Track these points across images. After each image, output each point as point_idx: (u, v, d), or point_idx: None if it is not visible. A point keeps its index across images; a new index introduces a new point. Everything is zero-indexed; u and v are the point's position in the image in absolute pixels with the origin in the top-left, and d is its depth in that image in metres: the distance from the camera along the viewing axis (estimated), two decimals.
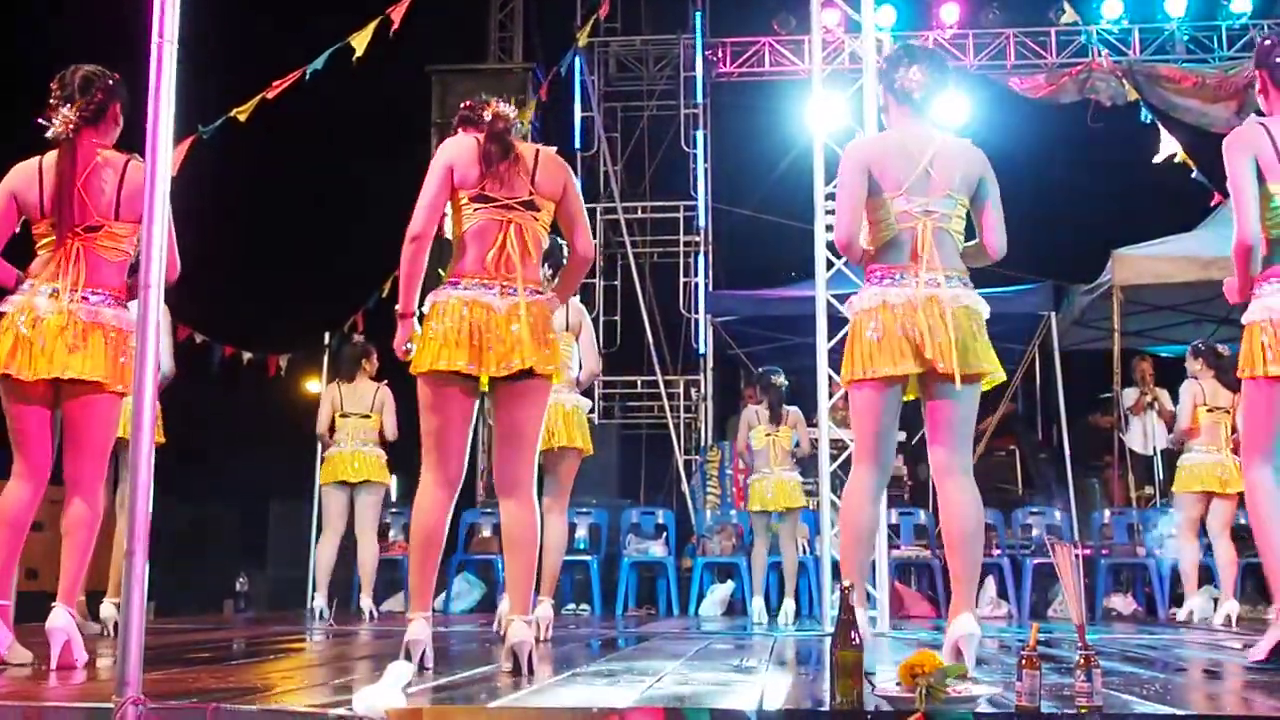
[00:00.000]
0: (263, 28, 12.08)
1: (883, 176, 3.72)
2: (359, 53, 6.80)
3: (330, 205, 14.29)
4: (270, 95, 6.59)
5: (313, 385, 8.44)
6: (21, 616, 3.95)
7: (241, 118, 6.54)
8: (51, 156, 3.81)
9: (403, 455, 12.16)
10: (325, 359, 9.11)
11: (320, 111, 11.12)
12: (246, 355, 8.70)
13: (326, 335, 9.27)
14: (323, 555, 7.44)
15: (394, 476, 13.99)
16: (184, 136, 6.45)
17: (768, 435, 7.59)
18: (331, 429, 7.54)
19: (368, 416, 7.55)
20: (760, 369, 7.85)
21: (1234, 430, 7.22)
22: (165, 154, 2.60)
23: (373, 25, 6.82)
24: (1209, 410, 7.38)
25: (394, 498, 12.82)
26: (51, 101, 3.82)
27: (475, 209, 3.73)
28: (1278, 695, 3.14)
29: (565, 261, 4.21)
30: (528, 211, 3.77)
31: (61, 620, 3.65)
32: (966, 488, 3.68)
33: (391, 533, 9.41)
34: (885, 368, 3.67)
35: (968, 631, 3.50)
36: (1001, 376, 3.77)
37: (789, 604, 7.52)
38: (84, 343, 3.72)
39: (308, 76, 6.74)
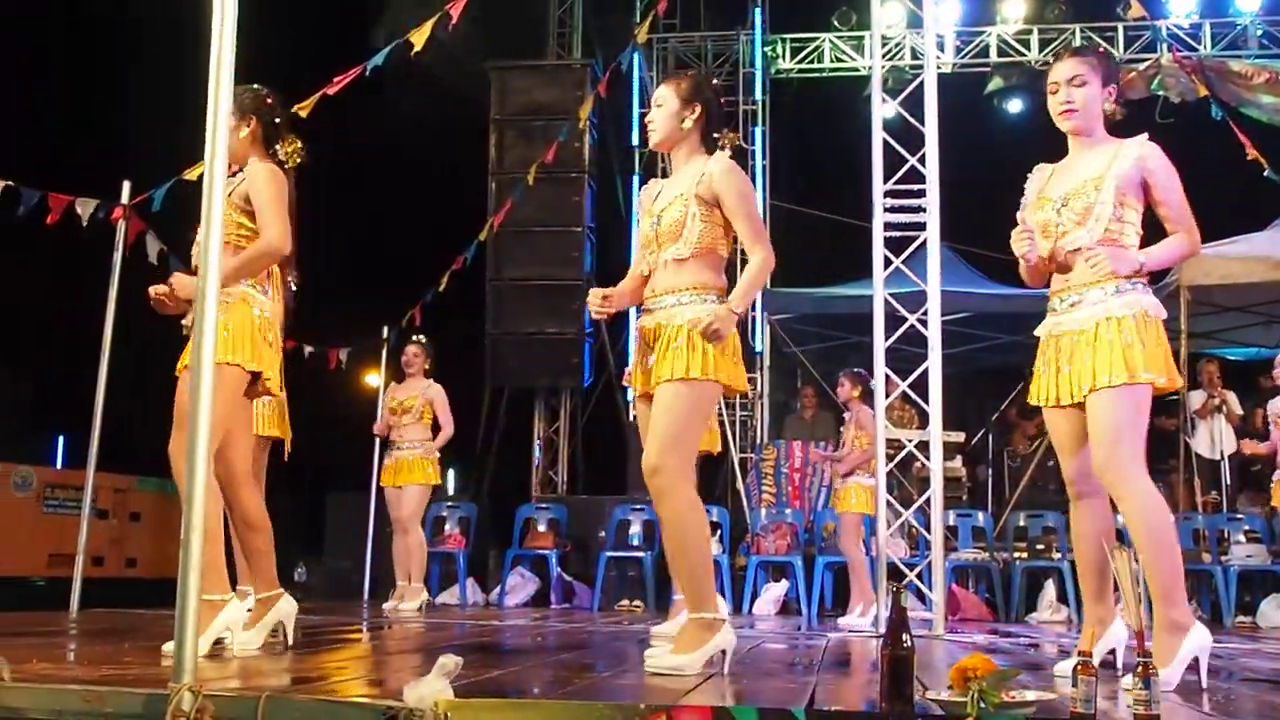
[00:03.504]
0: (324, 25, 12.21)
1: None
2: (418, 48, 6.83)
3: (390, 200, 14.42)
4: (331, 91, 6.64)
5: (372, 379, 8.53)
6: (121, 602, 4.04)
7: (303, 114, 6.59)
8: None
9: (459, 449, 12.27)
10: (384, 353, 9.20)
11: (380, 107, 11.23)
12: (308, 349, 8.79)
13: (385, 330, 9.35)
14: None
15: (450, 470, 14.06)
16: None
17: (868, 441, 7.40)
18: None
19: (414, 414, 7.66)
20: (857, 370, 7.62)
21: None
22: (222, 153, 2.63)
23: (432, 22, 6.85)
24: None
25: (451, 492, 12.95)
26: (278, 122, 4.12)
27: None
28: None
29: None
30: None
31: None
32: (1123, 493, 3.47)
33: (447, 526, 9.48)
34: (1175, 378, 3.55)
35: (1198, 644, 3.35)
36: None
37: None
38: None
39: (368, 73, 6.79)
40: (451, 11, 6.91)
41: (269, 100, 4.16)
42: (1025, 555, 8.74)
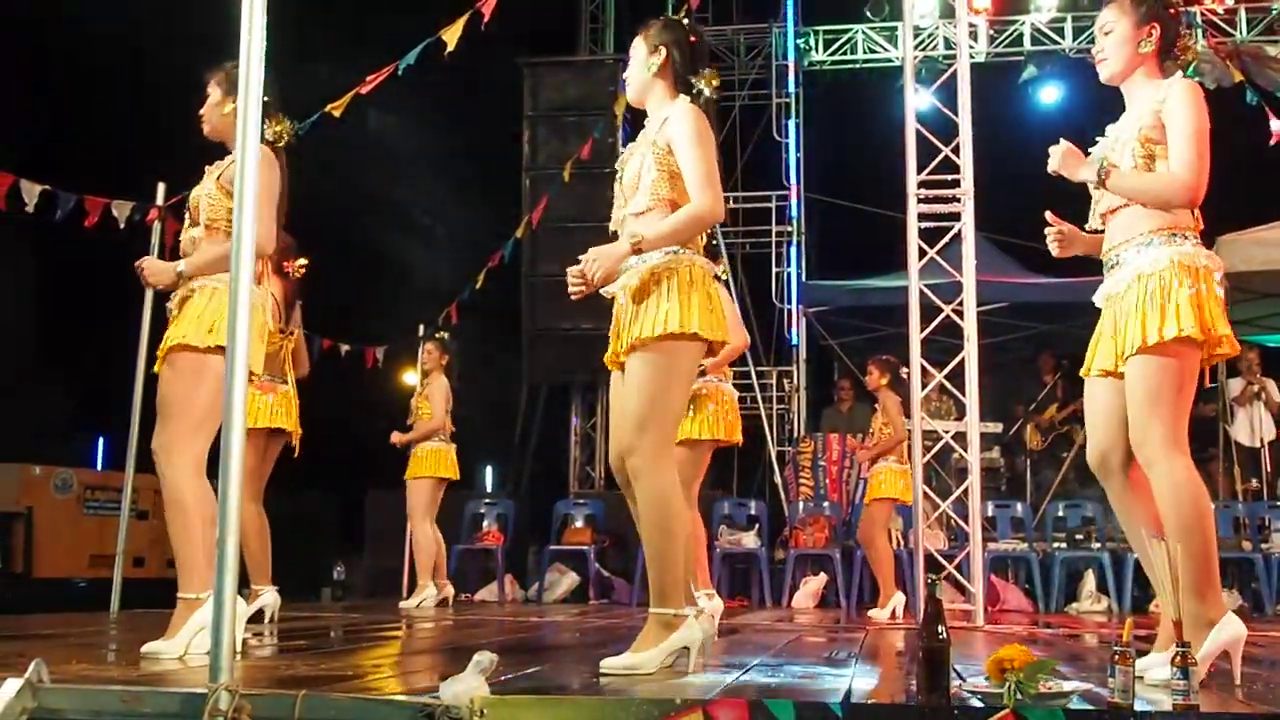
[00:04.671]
0: (355, 24, 12.28)
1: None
2: (450, 47, 6.86)
3: (425, 198, 14.49)
4: (363, 91, 6.68)
5: (409, 377, 8.57)
6: (163, 602, 4.04)
7: (336, 113, 6.64)
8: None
9: (496, 445, 12.33)
10: (420, 351, 9.24)
11: (413, 106, 11.28)
12: (344, 347, 8.85)
13: (421, 328, 9.40)
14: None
15: (488, 467, 14.12)
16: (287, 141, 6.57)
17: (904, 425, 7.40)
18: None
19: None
20: (885, 357, 7.60)
21: None
22: (254, 151, 2.66)
23: (463, 19, 6.87)
24: None
25: (489, 489, 13.01)
26: (266, 100, 3.87)
27: None
28: None
29: None
30: None
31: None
32: (1155, 473, 3.22)
33: (485, 523, 9.52)
34: (1225, 330, 3.23)
35: (1234, 635, 3.10)
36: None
37: (900, 597, 7.32)
38: None
39: (400, 72, 6.82)
40: (483, 10, 6.93)
41: None
42: (1064, 545, 8.68)
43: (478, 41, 6.76)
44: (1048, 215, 3.50)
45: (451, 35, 6.57)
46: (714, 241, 3.81)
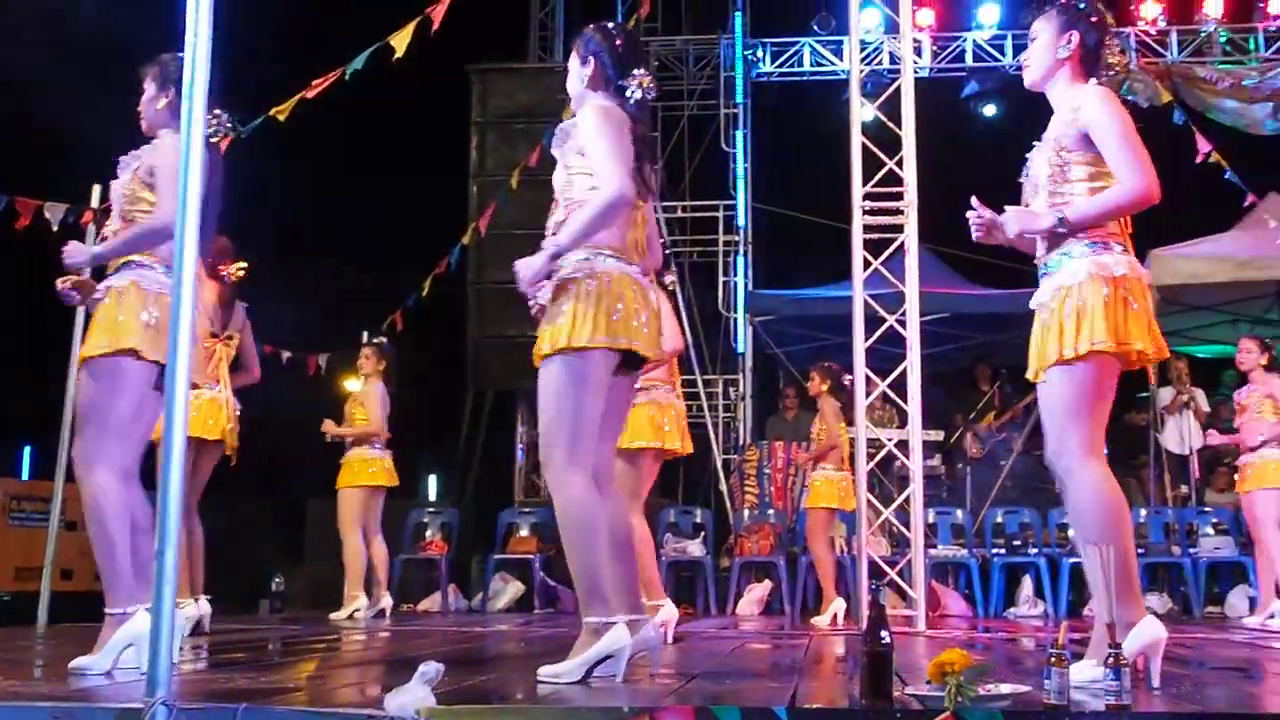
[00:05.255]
0: (303, 28, 12.19)
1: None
2: (399, 53, 6.84)
3: (370, 204, 14.39)
4: (310, 95, 6.65)
5: (352, 384, 8.51)
6: (93, 616, 3.95)
7: (281, 117, 6.60)
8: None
9: (440, 454, 12.26)
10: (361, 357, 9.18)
11: (360, 111, 11.20)
12: (285, 354, 8.77)
13: (365, 335, 9.34)
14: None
15: (432, 476, 14.03)
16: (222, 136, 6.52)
17: (843, 432, 7.49)
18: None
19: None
20: (826, 364, 7.69)
21: None
22: (197, 154, 2.64)
23: (412, 25, 6.86)
24: None
25: (432, 497, 12.93)
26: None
27: None
28: None
29: None
30: (645, 202, 3.60)
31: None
32: (1073, 482, 3.26)
33: (429, 532, 9.47)
34: (1141, 340, 3.22)
35: (1153, 637, 3.11)
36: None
37: (841, 603, 7.40)
38: None
39: (347, 76, 6.79)
40: (433, 15, 6.92)
41: None
42: (1003, 551, 8.82)
43: (427, 47, 6.75)
44: (973, 200, 3.49)
45: (401, 41, 6.56)
46: (666, 252, 3.79)
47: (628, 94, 3.50)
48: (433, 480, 14.20)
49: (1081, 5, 3.47)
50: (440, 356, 11.79)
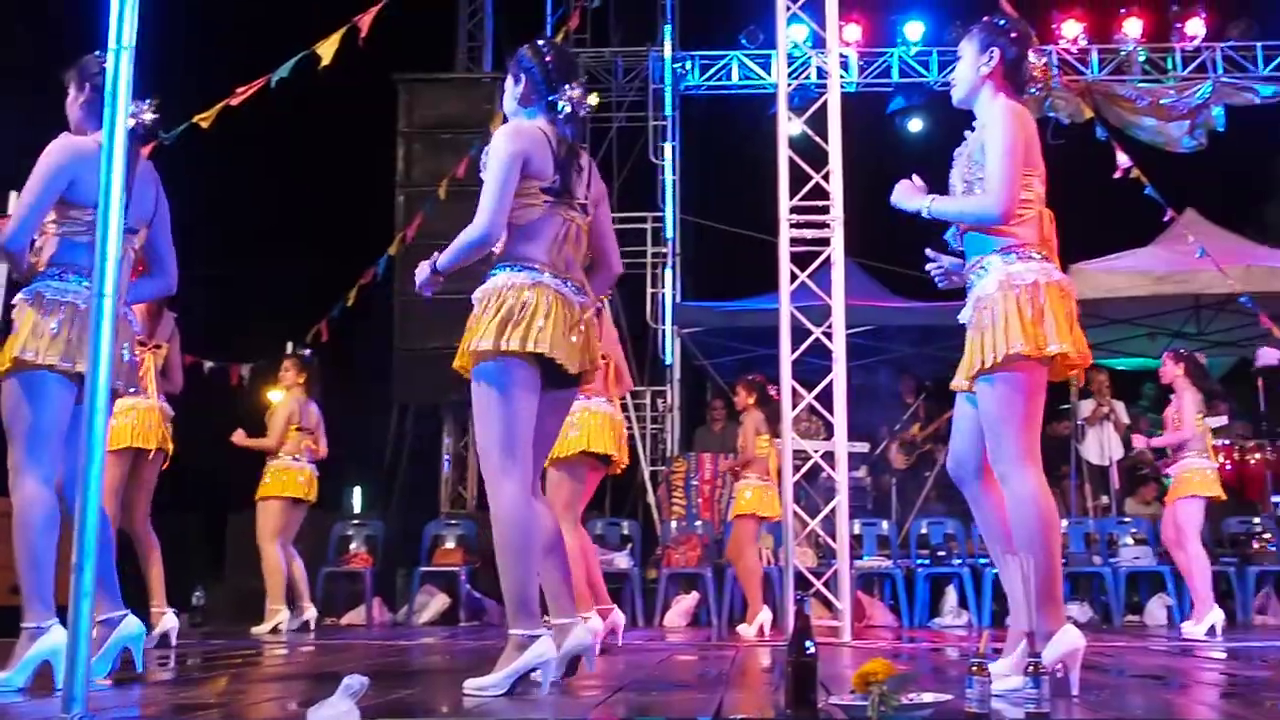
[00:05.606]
0: (230, 35, 12.03)
1: (1031, 151, 3.44)
2: (325, 61, 6.78)
3: (295, 213, 14.22)
4: (234, 102, 6.56)
5: (276, 395, 8.39)
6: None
7: (204, 125, 6.50)
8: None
9: (365, 466, 12.12)
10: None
11: (285, 119, 11.07)
12: (207, 364, 8.63)
13: (290, 345, 9.22)
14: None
15: (356, 488, 13.85)
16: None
17: (767, 444, 7.56)
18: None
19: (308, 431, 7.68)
20: (751, 377, 7.78)
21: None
22: (119, 161, 2.59)
23: (339, 33, 6.80)
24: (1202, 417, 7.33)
25: (357, 510, 12.78)
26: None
27: (544, 201, 3.50)
28: (1226, 700, 3.18)
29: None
30: (584, 215, 3.63)
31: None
32: (1009, 487, 3.34)
33: (353, 544, 9.36)
34: (1061, 344, 3.29)
35: (1071, 645, 3.17)
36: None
37: (767, 613, 7.44)
38: None
39: (272, 84, 6.72)
40: (360, 24, 6.87)
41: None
42: (928, 562, 8.92)
43: (354, 56, 6.70)
44: (927, 252, 3.62)
45: (327, 50, 6.50)
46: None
47: (558, 109, 3.53)
48: (357, 492, 14.03)
49: (1001, 22, 3.58)
50: (366, 367, 11.67)
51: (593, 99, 3.65)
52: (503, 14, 12.61)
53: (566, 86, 3.53)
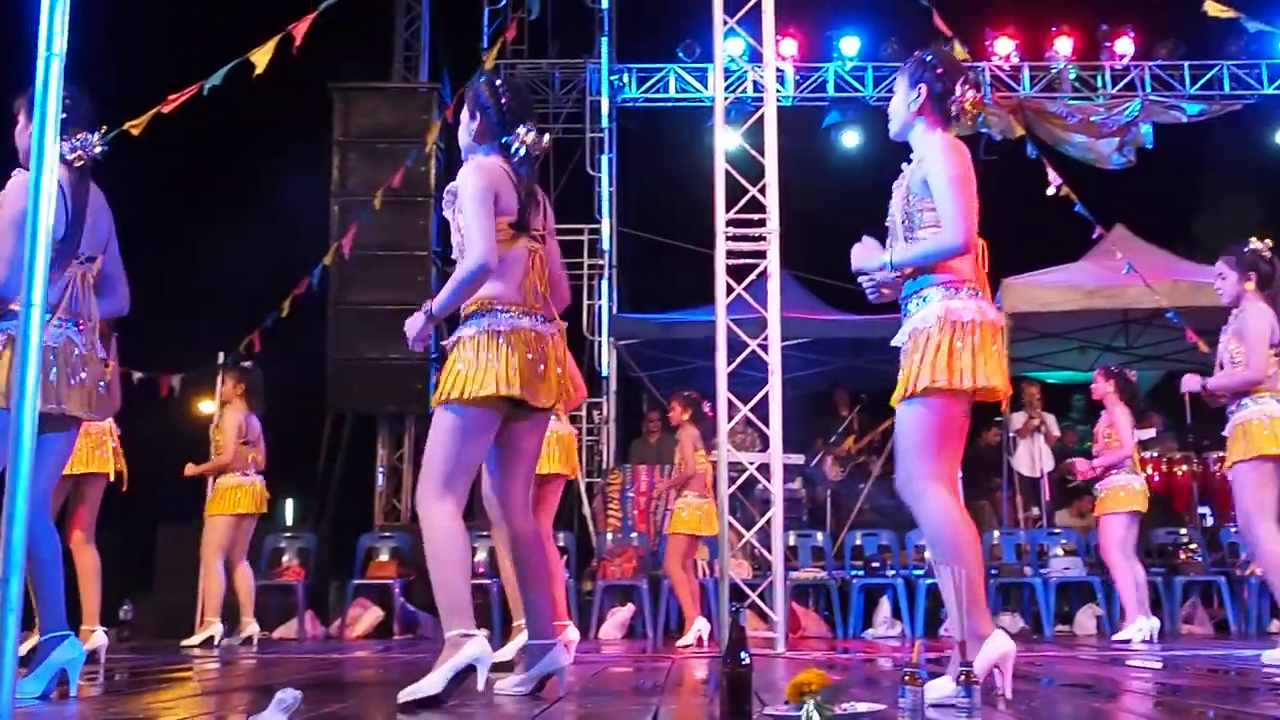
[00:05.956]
0: (164, 42, 11.87)
1: (970, 184, 3.51)
2: (260, 69, 6.71)
3: (229, 223, 14.04)
4: (165, 109, 6.47)
5: (206, 406, 8.27)
6: None
7: (135, 132, 6.40)
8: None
9: (298, 478, 11.97)
10: (219, 380, 8.95)
11: (220, 127, 10.93)
12: (136, 375, 8.49)
13: (221, 355, 9.10)
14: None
15: (289, 500, 13.68)
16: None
17: (704, 460, 7.59)
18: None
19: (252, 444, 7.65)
20: (687, 393, 7.81)
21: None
22: (51, 170, 2.55)
23: (274, 41, 6.74)
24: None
25: (290, 522, 12.63)
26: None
27: (512, 235, 3.63)
28: (1154, 708, 3.24)
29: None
30: (543, 245, 3.76)
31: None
32: (919, 508, 3.48)
33: (285, 557, 9.24)
34: (987, 380, 3.40)
35: (1001, 651, 3.24)
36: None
37: (703, 623, 7.48)
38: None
39: (205, 92, 6.63)
40: (295, 32, 6.81)
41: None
42: (862, 573, 8.99)
43: (289, 65, 6.64)
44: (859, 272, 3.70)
45: (261, 58, 6.43)
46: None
47: (512, 149, 3.65)
48: (290, 504, 13.87)
49: (928, 58, 3.67)
50: (299, 378, 11.54)
51: (545, 139, 3.72)
52: (440, 24, 12.57)
53: (521, 128, 3.66)
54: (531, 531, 3.76)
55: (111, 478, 6.11)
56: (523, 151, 3.64)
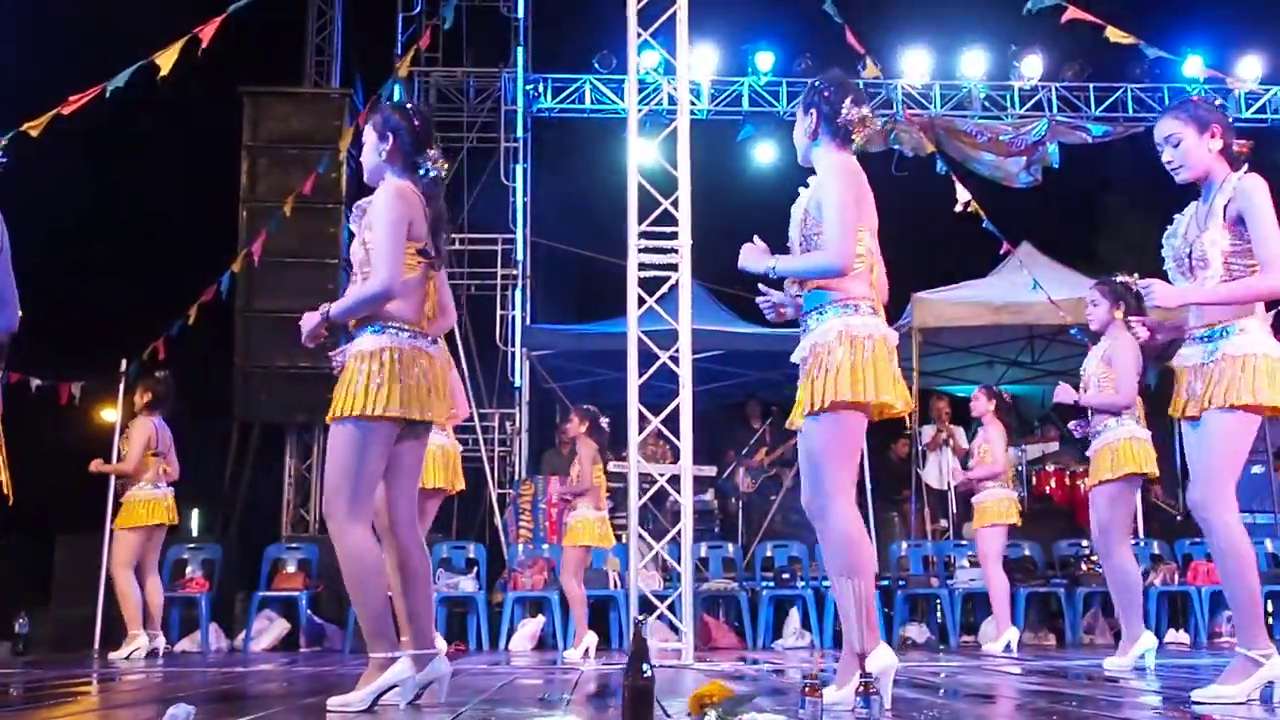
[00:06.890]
0: (66, 42, 11.59)
1: (863, 205, 3.63)
2: (164, 72, 6.57)
3: (134, 227, 13.75)
4: (66, 111, 6.30)
5: (109, 414, 8.07)
6: None
7: (33, 133, 6.23)
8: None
9: (203, 487, 11.75)
10: (121, 388, 8.75)
11: (123, 130, 10.70)
12: (35, 382, 8.26)
13: (124, 363, 8.90)
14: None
15: (194, 510, 13.42)
16: None
17: (601, 474, 7.62)
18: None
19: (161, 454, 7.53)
20: (586, 406, 7.84)
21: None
22: None
23: (180, 43, 6.61)
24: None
25: (195, 533, 12.35)
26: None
27: (419, 263, 3.75)
28: (1051, 716, 3.32)
29: None
30: (440, 270, 3.90)
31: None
32: (823, 522, 3.56)
33: (189, 568, 9.05)
34: (886, 395, 3.51)
35: (884, 665, 3.35)
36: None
37: (593, 637, 7.50)
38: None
39: (108, 94, 6.48)
40: (202, 35, 6.69)
41: None
42: (772, 584, 9.06)
43: (197, 68, 6.52)
44: (760, 286, 3.80)
45: (166, 60, 6.30)
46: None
47: (422, 171, 3.77)
48: (195, 514, 13.59)
49: (818, 83, 3.79)
50: (205, 386, 11.31)
51: (443, 163, 3.81)
52: (353, 30, 12.44)
53: (432, 150, 3.80)
54: (417, 545, 3.84)
55: None
56: (433, 173, 3.76)
